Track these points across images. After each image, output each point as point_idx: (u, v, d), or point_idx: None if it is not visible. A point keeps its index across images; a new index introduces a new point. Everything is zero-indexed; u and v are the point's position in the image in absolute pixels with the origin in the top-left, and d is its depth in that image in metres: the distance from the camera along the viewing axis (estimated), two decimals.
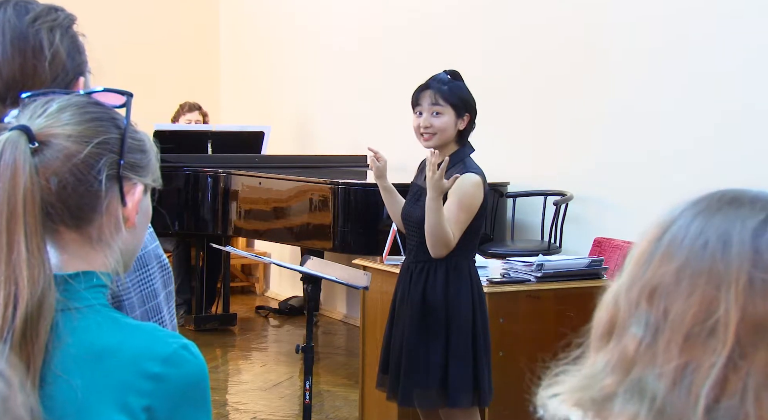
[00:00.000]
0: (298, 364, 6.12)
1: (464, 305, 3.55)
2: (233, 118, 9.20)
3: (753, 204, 0.91)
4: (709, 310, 0.87)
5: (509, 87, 6.17)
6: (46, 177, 1.21)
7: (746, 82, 4.82)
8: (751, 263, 0.87)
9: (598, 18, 5.64)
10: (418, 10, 7.08)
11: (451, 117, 3.56)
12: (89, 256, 1.26)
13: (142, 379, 1.18)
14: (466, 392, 3.54)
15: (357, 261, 4.71)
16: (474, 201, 3.52)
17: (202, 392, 1.23)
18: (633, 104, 5.40)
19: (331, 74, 8.05)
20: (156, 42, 9.23)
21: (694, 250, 0.90)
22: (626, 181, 5.39)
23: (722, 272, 0.87)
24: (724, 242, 0.89)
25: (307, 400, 3.81)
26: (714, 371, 0.85)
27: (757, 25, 4.78)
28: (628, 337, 0.90)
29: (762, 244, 0.88)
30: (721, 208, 0.91)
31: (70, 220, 1.23)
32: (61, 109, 1.25)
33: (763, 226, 0.89)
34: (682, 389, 0.86)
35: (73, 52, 1.59)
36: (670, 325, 0.88)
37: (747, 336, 0.85)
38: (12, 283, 1.16)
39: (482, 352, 3.58)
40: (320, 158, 7.41)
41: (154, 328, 1.26)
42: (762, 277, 0.86)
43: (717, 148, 4.91)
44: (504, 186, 5.90)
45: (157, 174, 1.33)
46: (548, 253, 5.05)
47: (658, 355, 0.88)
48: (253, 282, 9.03)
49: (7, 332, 1.14)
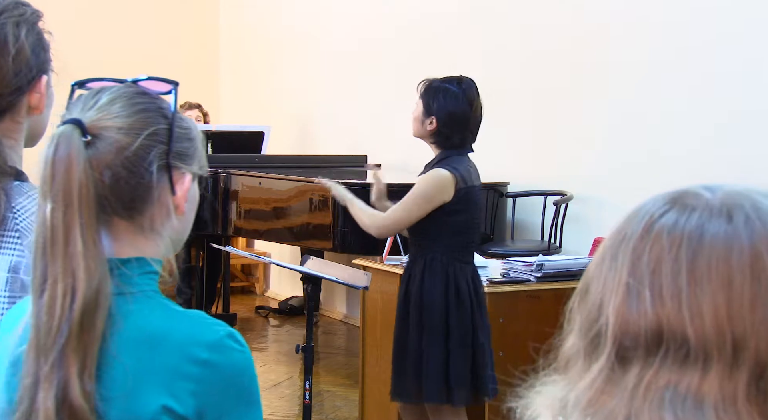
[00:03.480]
0: (298, 364, 6.13)
1: (437, 302, 3.59)
2: (233, 118, 9.20)
3: (662, 200, 0.88)
4: (598, 315, 0.86)
5: (509, 87, 6.17)
6: (99, 170, 1.22)
7: (746, 82, 4.82)
8: (629, 271, 0.85)
9: (598, 19, 5.64)
10: (418, 11, 7.08)
11: (419, 114, 3.65)
12: (141, 244, 1.28)
13: (190, 365, 1.20)
14: (437, 388, 3.57)
15: (357, 261, 4.71)
16: (429, 190, 3.57)
17: (249, 380, 1.26)
18: (633, 104, 5.41)
19: (331, 74, 8.05)
20: (156, 42, 9.23)
21: (603, 253, 0.89)
22: (626, 181, 5.39)
23: (610, 279, 0.86)
24: (617, 247, 0.87)
25: (307, 400, 3.81)
26: (590, 379, 0.84)
27: (757, 27, 4.79)
28: (568, 341, 0.91)
29: (642, 249, 0.86)
30: (645, 205, 0.89)
31: (122, 210, 1.25)
32: (112, 101, 1.26)
33: (649, 227, 0.86)
34: (576, 394, 0.86)
35: (38, 48, 1.57)
36: (581, 327, 0.88)
37: (624, 343, 0.84)
38: (69, 275, 1.18)
39: (456, 350, 3.58)
40: (320, 158, 7.41)
41: (201, 316, 1.27)
42: (637, 286, 0.84)
43: (717, 148, 4.91)
44: (504, 186, 5.90)
45: (203, 161, 1.35)
46: (548, 253, 5.05)
47: (576, 359, 0.88)
48: (253, 282, 9.03)
49: (65, 323, 1.17)
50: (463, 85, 3.63)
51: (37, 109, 1.59)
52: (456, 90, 3.61)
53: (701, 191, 0.88)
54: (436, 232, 3.60)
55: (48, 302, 1.18)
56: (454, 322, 3.60)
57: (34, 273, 1.21)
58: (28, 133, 1.62)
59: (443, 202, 3.57)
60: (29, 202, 1.53)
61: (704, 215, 0.85)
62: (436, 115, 3.59)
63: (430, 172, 3.60)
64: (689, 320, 0.82)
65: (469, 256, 3.74)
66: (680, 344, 0.82)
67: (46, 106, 1.61)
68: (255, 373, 1.27)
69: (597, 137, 5.64)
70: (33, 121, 1.62)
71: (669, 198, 0.89)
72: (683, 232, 0.84)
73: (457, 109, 3.59)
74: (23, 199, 1.53)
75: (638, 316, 0.84)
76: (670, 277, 0.83)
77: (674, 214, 0.86)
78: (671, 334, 0.82)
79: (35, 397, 1.16)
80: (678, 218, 0.86)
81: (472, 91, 3.64)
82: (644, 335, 0.83)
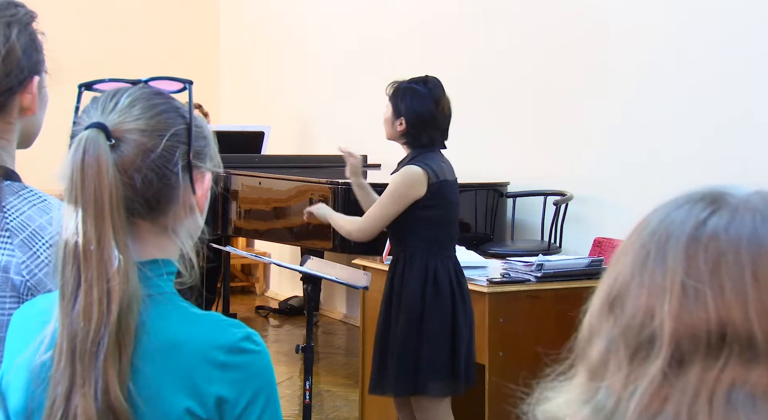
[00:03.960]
0: (298, 364, 6.13)
1: (413, 296, 3.66)
2: (233, 118, 9.20)
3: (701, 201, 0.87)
4: (648, 319, 0.84)
5: (509, 87, 6.17)
6: (128, 174, 1.22)
7: (746, 83, 4.82)
8: (684, 271, 0.84)
9: (598, 19, 5.64)
10: (418, 11, 7.08)
11: (388, 115, 3.76)
12: (163, 244, 1.29)
13: (209, 368, 1.21)
14: (404, 380, 3.65)
15: (357, 261, 4.72)
16: (401, 188, 3.66)
17: (267, 380, 1.26)
18: (633, 105, 5.41)
19: (331, 74, 8.05)
20: (156, 42, 9.23)
21: (640, 256, 0.87)
22: (626, 181, 5.39)
23: (659, 281, 0.85)
24: (663, 249, 0.86)
25: (307, 400, 3.81)
26: (645, 385, 0.83)
27: (757, 28, 4.79)
28: (594, 348, 0.88)
29: (696, 249, 0.84)
30: (681, 206, 0.88)
31: (147, 212, 1.26)
32: (132, 104, 1.26)
33: (700, 227, 0.85)
34: (623, 402, 0.84)
35: (30, 49, 1.57)
36: (621, 333, 0.86)
37: (682, 347, 0.83)
38: (105, 280, 1.19)
39: (432, 340, 3.64)
40: (320, 158, 7.41)
41: (218, 318, 1.28)
42: (695, 285, 0.83)
43: (717, 148, 4.91)
44: (504, 186, 5.90)
45: (217, 159, 1.37)
46: (548, 253, 5.05)
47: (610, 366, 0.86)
48: (253, 282, 9.03)
49: (104, 327, 1.18)
50: (429, 85, 3.70)
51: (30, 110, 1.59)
52: (422, 90, 3.69)
53: (734, 191, 0.87)
54: (413, 228, 3.69)
55: (84, 307, 1.18)
56: (431, 313, 3.65)
57: (63, 278, 1.20)
58: (21, 134, 1.62)
59: (417, 198, 3.65)
60: (20, 201, 1.53)
61: (757, 218, 0.85)
62: (405, 116, 3.67)
63: (402, 170, 3.69)
64: (756, 320, 0.81)
65: (450, 249, 3.79)
66: (746, 344, 0.81)
67: (40, 107, 1.61)
68: (273, 373, 1.28)
69: (597, 137, 5.64)
70: (26, 122, 1.61)
71: (708, 199, 0.87)
72: (740, 234, 0.84)
73: (423, 109, 3.68)
74: (14, 198, 1.53)
75: (699, 317, 0.82)
76: (733, 277, 0.82)
77: (725, 215, 0.85)
78: (736, 334, 0.81)
79: (70, 403, 1.17)
80: (730, 220, 0.85)
81: (438, 90, 3.71)
82: (706, 336, 0.82)
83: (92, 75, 1.43)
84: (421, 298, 3.66)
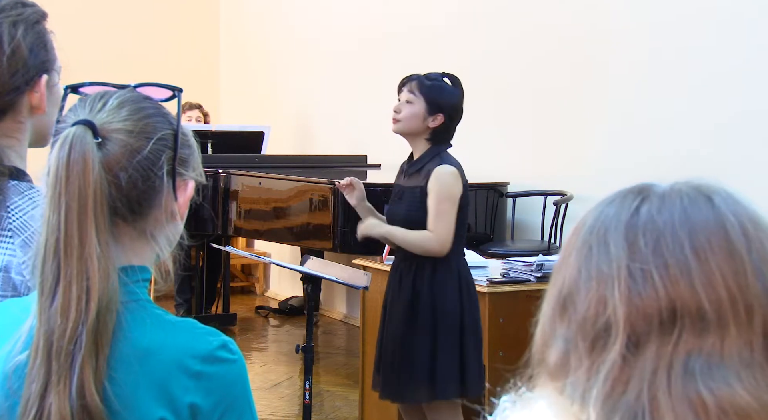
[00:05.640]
0: (298, 364, 6.13)
1: (450, 298, 3.57)
2: (233, 118, 9.20)
3: (630, 194, 0.93)
4: (601, 309, 0.87)
5: (510, 87, 6.17)
6: (113, 172, 1.22)
7: (746, 83, 4.82)
8: (627, 256, 0.87)
9: (598, 19, 5.64)
10: (418, 11, 7.08)
11: (421, 110, 3.59)
12: (140, 249, 1.28)
13: (184, 377, 1.20)
14: (453, 384, 3.56)
15: (357, 261, 4.72)
16: (453, 190, 3.57)
17: (242, 389, 1.25)
18: (633, 105, 5.41)
19: (331, 74, 8.05)
20: (156, 42, 9.23)
21: (582, 252, 0.91)
22: (626, 181, 5.28)
23: (605, 270, 0.88)
24: (603, 241, 0.90)
25: (307, 400, 3.81)
26: (605, 371, 0.85)
27: (757, 29, 4.79)
28: (551, 352, 0.91)
29: (635, 234, 0.88)
30: (612, 201, 0.93)
31: (128, 214, 1.25)
32: (121, 105, 1.26)
33: (634, 215, 0.90)
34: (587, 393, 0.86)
35: (38, 48, 1.56)
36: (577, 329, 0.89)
37: (637, 328, 0.85)
38: (84, 277, 1.18)
39: (470, 344, 3.58)
40: (320, 158, 7.41)
41: (194, 326, 1.27)
42: (640, 266, 0.86)
43: (717, 148, 4.91)
44: (504, 186, 5.90)
45: (200, 169, 1.35)
46: (548, 253, 5.05)
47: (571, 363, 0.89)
48: (253, 282, 9.04)
49: (82, 325, 1.16)
50: (453, 80, 3.67)
51: (39, 109, 1.59)
52: (450, 85, 3.66)
53: (658, 183, 0.94)
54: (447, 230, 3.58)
55: (62, 304, 1.17)
56: (469, 318, 3.59)
57: (42, 275, 1.19)
58: (34, 134, 1.62)
59: (459, 197, 3.59)
60: (24, 201, 1.53)
61: (685, 200, 0.91)
62: (445, 111, 3.59)
63: (441, 172, 3.56)
64: (703, 292, 0.85)
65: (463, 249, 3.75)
66: (696, 316, 0.85)
67: (51, 105, 1.60)
68: (248, 382, 1.27)
69: (597, 137, 5.64)
70: (37, 121, 1.61)
71: (636, 191, 0.93)
72: (672, 214, 0.89)
73: (459, 105, 3.64)
74: (18, 198, 1.53)
75: (649, 296, 0.86)
76: (674, 253, 0.86)
77: (656, 201, 0.91)
78: (686, 308, 0.85)
79: (44, 401, 1.16)
80: (660, 205, 0.90)
81: (461, 85, 3.69)
82: (658, 315, 0.85)
83: (92, 75, 1.43)
84: (459, 303, 3.57)
